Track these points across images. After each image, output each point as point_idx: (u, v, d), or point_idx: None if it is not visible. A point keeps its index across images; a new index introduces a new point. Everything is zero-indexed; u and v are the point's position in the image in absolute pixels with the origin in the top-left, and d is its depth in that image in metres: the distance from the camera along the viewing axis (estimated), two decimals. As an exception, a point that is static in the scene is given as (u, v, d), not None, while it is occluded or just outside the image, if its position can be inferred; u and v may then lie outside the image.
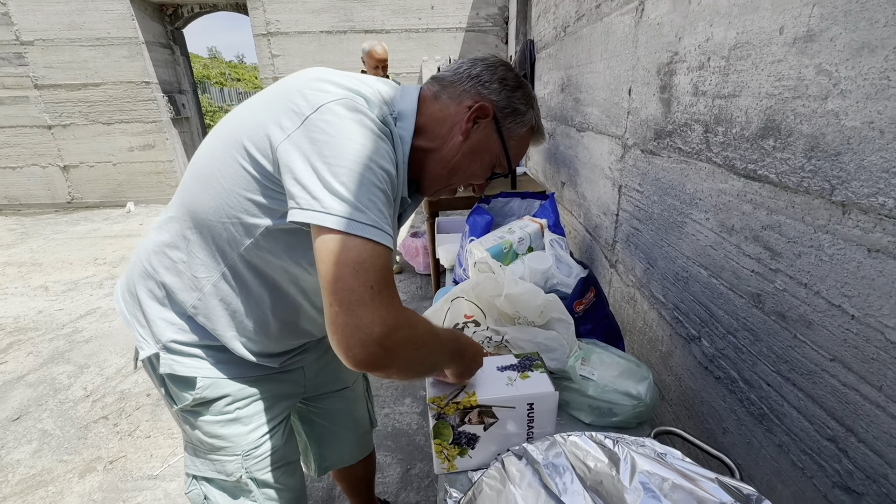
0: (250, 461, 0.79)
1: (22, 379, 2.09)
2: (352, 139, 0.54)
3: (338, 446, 1.05)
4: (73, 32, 4.84)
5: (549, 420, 0.76)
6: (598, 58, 1.75)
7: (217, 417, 0.75)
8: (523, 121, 0.74)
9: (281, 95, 0.61)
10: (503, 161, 0.75)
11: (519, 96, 0.72)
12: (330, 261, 0.50)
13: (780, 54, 0.75)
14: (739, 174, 0.88)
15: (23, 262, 3.67)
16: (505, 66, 0.73)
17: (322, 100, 0.57)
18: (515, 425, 0.75)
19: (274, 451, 0.81)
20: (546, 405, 0.74)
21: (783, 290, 0.77)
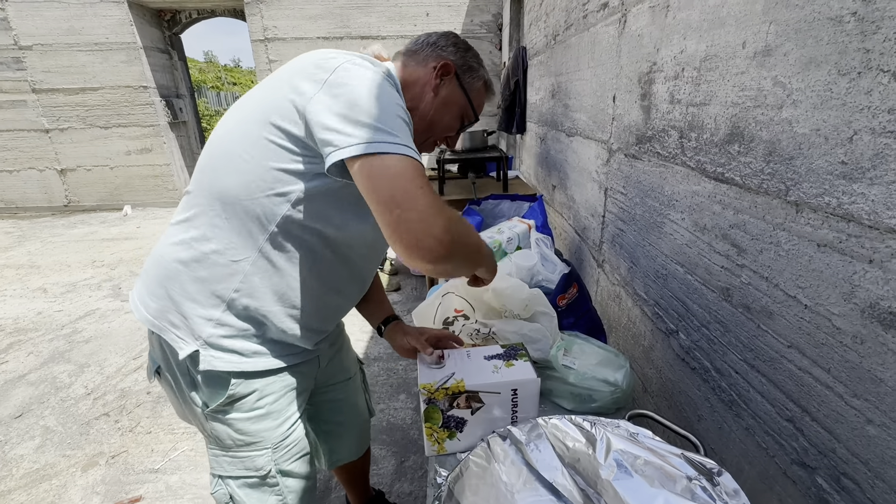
0: (279, 453, 0.82)
1: (23, 378, 2.13)
2: (370, 82, 0.62)
3: (345, 439, 1.10)
4: (71, 37, 4.89)
5: (532, 405, 0.81)
6: (586, 66, 1.82)
7: (248, 414, 0.78)
8: (478, 75, 0.86)
9: (294, 71, 0.67)
10: (469, 111, 0.87)
11: (471, 55, 0.85)
12: (382, 177, 0.56)
13: (743, 66, 0.82)
14: (710, 177, 0.94)
15: (21, 264, 3.70)
16: (454, 34, 0.87)
17: (335, 63, 0.64)
18: (501, 410, 0.80)
19: (297, 442, 0.86)
20: (529, 391, 0.80)
21: (748, 283, 0.84)
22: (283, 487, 0.85)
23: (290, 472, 0.85)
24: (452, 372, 0.81)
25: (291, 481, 0.86)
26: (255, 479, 0.82)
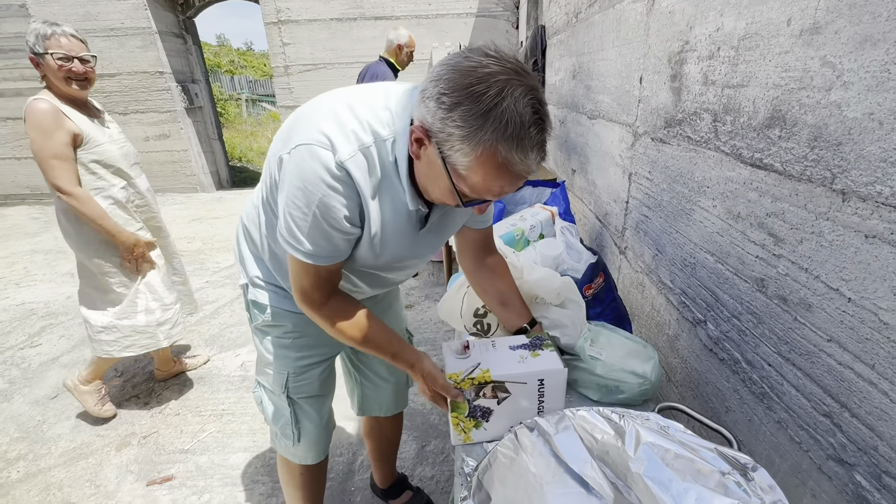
0: (294, 383, 0.97)
1: (56, 360, 2.21)
2: (303, 188, 0.65)
3: (377, 393, 1.18)
4: (87, 23, 4.91)
5: (559, 395, 0.81)
6: (610, 45, 1.76)
7: (276, 339, 0.94)
8: (464, 147, 0.58)
9: (292, 123, 0.71)
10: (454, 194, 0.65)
11: (457, 117, 0.56)
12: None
13: (787, 45, 0.78)
14: (746, 163, 0.91)
15: (49, 249, 3.81)
16: (451, 75, 0.58)
17: (296, 140, 0.66)
18: (527, 400, 0.80)
19: (311, 382, 0.99)
20: (555, 381, 0.79)
21: (785, 274, 0.81)
22: (291, 415, 0.99)
23: (301, 405, 1.00)
24: (478, 362, 0.81)
25: (302, 414, 1.00)
26: (276, 395, 0.99)
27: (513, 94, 0.54)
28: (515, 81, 0.55)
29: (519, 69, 0.56)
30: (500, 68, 0.55)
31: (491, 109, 0.54)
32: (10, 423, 1.79)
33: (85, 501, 1.45)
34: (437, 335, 2.28)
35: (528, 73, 0.57)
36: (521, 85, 0.55)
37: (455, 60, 0.59)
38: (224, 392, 1.94)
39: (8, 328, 2.53)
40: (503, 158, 0.57)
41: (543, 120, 0.57)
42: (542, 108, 0.57)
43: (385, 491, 1.37)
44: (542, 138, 0.58)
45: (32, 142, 1.44)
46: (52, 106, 1.44)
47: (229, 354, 2.20)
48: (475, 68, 0.56)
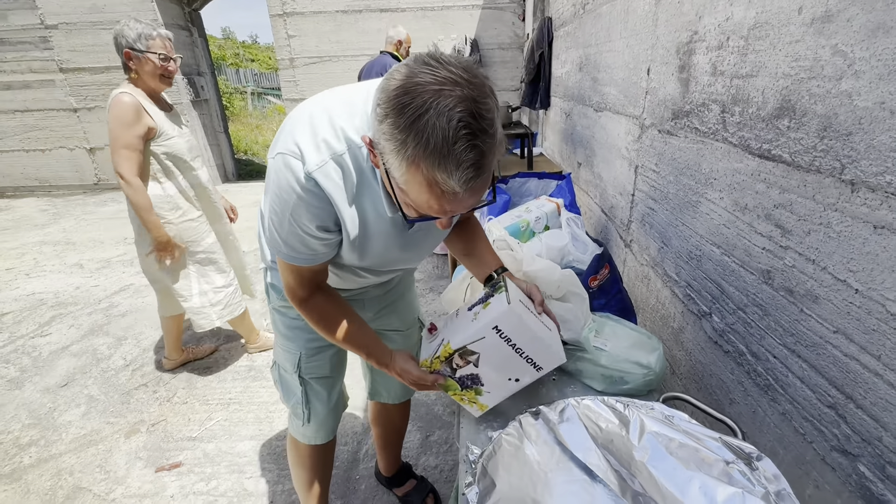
0: (306, 363, 1.00)
1: (66, 349, 2.24)
2: (279, 196, 0.68)
3: (385, 379, 1.21)
4: (94, 16, 4.91)
5: (539, 346, 0.76)
6: (618, 36, 1.74)
7: (290, 321, 0.97)
8: (394, 162, 0.54)
9: (280, 128, 0.72)
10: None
11: (386, 128, 0.53)
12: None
13: (798, 34, 0.77)
14: (754, 154, 0.90)
15: (57, 241, 3.85)
16: (386, 84, 0.54)
17: (276, 148, 0.68)
18: (500, 353, 0.77)
19: (322, 363, 1.01)
20: (513, 325, 0.74)
21: (792, 266, 0.81)
22: (302, 394, 1.03)
23: (312, 385, 1.02)
24: (442, 338, 0.81)
25: (313, 394, 1.03)
26: (289, 374, 1.02)
27: (437, 107, 0.49)
28: (447, 92, 0.49)
29: (458, 78, 0.50)
30: (432, 78, 0.50)
31: (413, 123, 0.49)
32: (22, 410, 1.82)
33: (95, 487, 1.47)
34: (441, 327, 2.29)
35: (471, 82, 0.51)
36: (453, 96, 0.49)
37: (395, 68, 0.56)
38: (231, 382, 1.96)
39: (19, 317, 2.57)
40: (427, 176, 0.52)
41: (476, 135, 0.50)
42: (476, 121, 0.50)
43: (389, 479, 1.39)
44: (470, 157, 0.50)
45: (111, 130, 1.55)
46: (135, 100, 1.56)
47: (236, 345, 2.23)
48: (407, 77, 0.51)
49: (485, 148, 0.51)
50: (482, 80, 0.53)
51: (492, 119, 0.52)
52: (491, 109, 0.53)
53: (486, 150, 0.52)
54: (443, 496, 1.39)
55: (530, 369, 0.80)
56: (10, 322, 2.52)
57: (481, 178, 0.54)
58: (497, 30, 4.90)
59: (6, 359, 2.17)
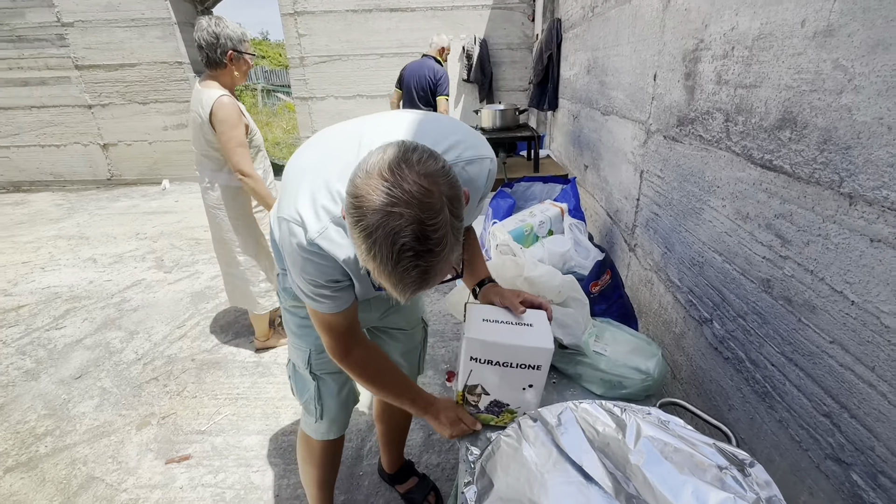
0: (314, 359, 1.02)
1: (80, 342, 2.30)
2: (291, 255, 0.73)
3: None
4: (109, 13, 4.99)
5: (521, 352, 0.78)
6: (626, 41, 1.75)
7: (300, 319, 1.00)
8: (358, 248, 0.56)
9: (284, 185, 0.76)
10: None
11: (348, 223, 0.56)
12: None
13: (801, 47, 0.78)
14: (756, 164, 0.91)
15: (71, 235, 3.93)
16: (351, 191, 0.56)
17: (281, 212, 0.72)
18: (494, 374, 0.81)
19: (329, 359, 1.01)
20: (481, 349, 0.78)
21: (791, 276, 0.82)
22: (315, 390, 1.05)
23: (325, 381, 1.05)
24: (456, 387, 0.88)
25: (325, 390, 1.06)
26: (301, 370, 1.05)
27: (385, 228, 0.51)
28: (396, 214, 0.51)
29: (410, 198, 0.52)
30: (384, 198, 0.51)
31: (365, 238, 0.53)
32: (38, 401, 1.88)
33: (108, 477, 1.52)
34: (445, 327, 2.31)
35: (423, 201, 0.52)
36: (402, 219, 0.51)
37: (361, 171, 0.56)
38: (239, 377, 2.00)
39: (34, 310, 2.64)
40: (380, 281, 0.57)
41: (419, 256, 0.52)
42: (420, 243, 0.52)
43: (392, 476, 1.42)
44: (411, 276, 0.54)
45: (221, 133, 1.65)
46: (234, 101, 1.68)
47: (244, 341, 2.27)
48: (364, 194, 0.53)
49: (428, 266, 0.54)
50: (438, 196, 0.53)
51: (439, 238, 0.53)
52: (440, 227, 0.53)
53: (429, 268, 0.54)
54: (444, 494, 1.41)
55: (531, 372, 0.82)
56: (26, 315, 2.59)
57: (425, 287, 0.57)
58: (506, 30, 4.90)
59: (23, 350, 2.24)
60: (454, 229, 0.56)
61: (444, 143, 0.75)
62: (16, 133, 5.56)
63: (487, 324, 0.81)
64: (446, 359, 2.02)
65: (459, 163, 0.75)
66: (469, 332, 0.78)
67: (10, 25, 5.06)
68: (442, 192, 0.54)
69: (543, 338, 0.80)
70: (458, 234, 0.57)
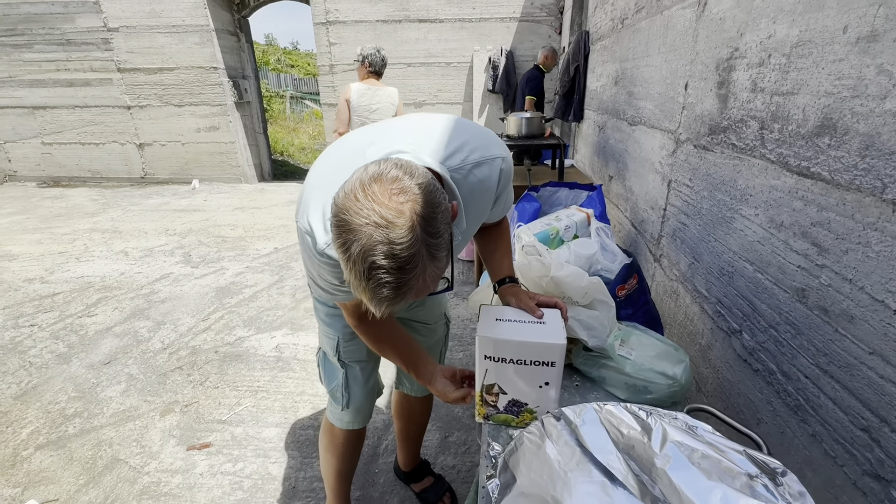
0: (345, 346, 1.05)
1: (110, 330, 2.38)
2: (305, 258, 0.79)
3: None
4: (152, 20, 5.24)
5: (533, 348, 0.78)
6: (656, 51, 1.75)
7: (328, 308, 1.03)
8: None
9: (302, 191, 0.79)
10: None
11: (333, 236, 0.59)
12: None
13: (842, 53, 0.77)
14: (793, 171, 0.90)
15: (105, 229, 4.09)
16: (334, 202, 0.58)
17: (297, 218, 0.76)
18: (509, 372, 0.81)
19: (359, 346, 1.06)
20: (494, 348, 0.78)
21: (828, 285, 0.80)
22: (343, 377, 1.08)
23: (353, 369, 1.08)
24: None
25: (353, 376, 1.09)
26: (330, 357, 1.08)
27: (358, 243, 0.53)
28: (367, 232, 0.53)
29: (380, 219, 0.53)
30: (356, 218, 0.53)
31: (343, 251, 0.55)
32: (69, 384, 1.95)
33: (132, 459, 1.56)
34: (464, 331, 2.31)
35: (393, 222, 0.53)
36: (371, 239, 0.53)
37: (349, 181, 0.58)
38: (259, 371, 2.03)
39: (69, 298, 2.74)
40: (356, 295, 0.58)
41: (389, 273, 0.53)
42: (389, 261, 0.53)
43: (408, 474, 1.42)
44: (382, 292, 0.55)
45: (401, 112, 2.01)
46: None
47: (265, 336, 2.31)
48: (343, 209, 0.55)
49: (399, 283, 0.55)
50: (409, 216, 0.54)
51: (409, 257, 0.54)
52: (410, 247, 0.54)
53: (401, 285, 0.55)
54: (459, 497, 1.40)
55: (545, 369, 0.82)
56: (60, 302, 2.70)
57: (402, 302, 0.57)
58: (533, 42, 4.94)
59: (56, 335, 2.33)
60: (429, 247, 0.56)
61: (449, 147, 0.76)
62: (59, 131, 5.84)
63: (499, 322, 0.82)
64: (464, 362, 2.02)
65: (466, 166, 0.76)
66: (481, 331, 0.79)
67: (61, 30, 5.36)
68: (414, 212, 0.54)
69: (555, 333, 0.79)
70: (435, 250, 0.57)
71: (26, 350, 2.19)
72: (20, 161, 6.06)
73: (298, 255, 3.39)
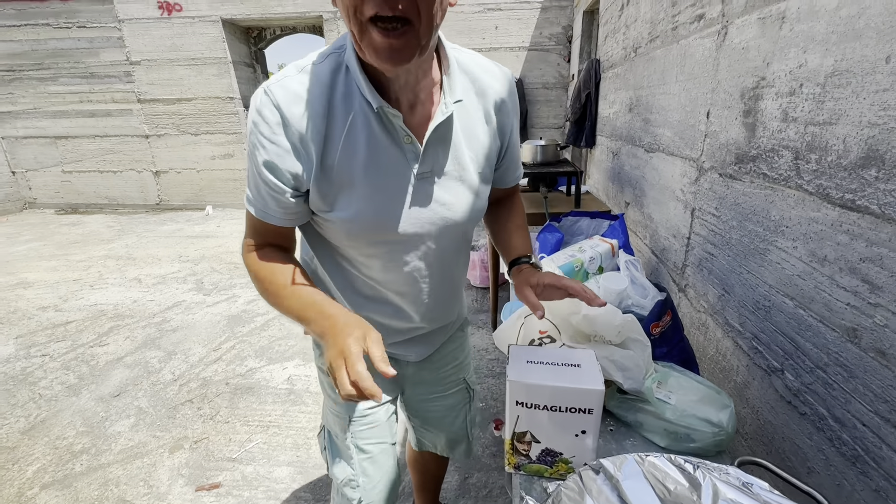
0: (356, 426, 0.89)
1: (121, 360, 2.36)
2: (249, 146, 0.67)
3: (427, 437, 1.14)
4: (173, 53, 5.43)
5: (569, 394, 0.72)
6: (673, 80, 1.74)
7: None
8: None
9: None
10: None
11: None
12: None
13: (886, 83, 0.74)
14: (834, 203, 0.85)
15: (120, 255, 4.12)
16: None
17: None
18: (542, 418, 0.75)
19: (375, 425, 0.90)
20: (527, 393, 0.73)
21: (884, 325, 0.74)
22: (358, 462, 0.89)
23: (367, 451, 0.90)
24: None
25: (368, 465, 0.90)
26: (340, 441, 0.91)
27: None
28: None
29: None
30: None
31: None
32: (77, 417, 1.91)
33: (138, 501, 1.50)
34: (480, 363, 2.24)
35: None
36: None
37: None
38: (271, 404, 1.98)
39: (81, 326, 2.74)
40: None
41: None
42: None
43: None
44: None
45: None
46: None
47: (277, 367, 2.27)
48: None
49: None
50: None
51: None
52: None
53: None
54: (480, 545, 1.32)
55: (582, 416, 0.77)
56: (73, 330, 2.69)
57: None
58: (542, 70, 5.02)
59: (67, 366, 2.31)
60: None
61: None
62: (79, 159, 6.00)
63: (531, 365, 0.77)
64: (482, 396, 1.95)
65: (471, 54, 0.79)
66: (512, 375, 0.74)
67: (86, 63, 5.57)
68: None
69: (592, 378, 0.74)
70: None
71: (37, 381, 2.17)
72: (40, 189, 6.21)
73: (310, 282, 3.38)
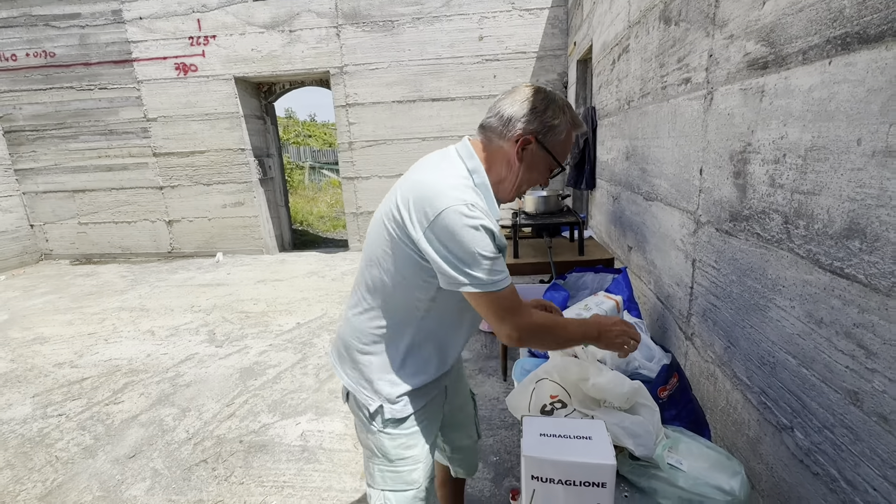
0: (428, 468, 1.03)
1: (136, 419, 2.37)
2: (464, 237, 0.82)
3: (463, 457, 1.28)
4: (188, 110, 5.72)
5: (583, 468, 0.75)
6: (666, 134, 1.82)
7: (407, 431, 0.99)
8: (559, 129, 0.93)
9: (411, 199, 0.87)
10: (555, 165, 0.97)
11: (549, 115, 0.91)
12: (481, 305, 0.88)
13: (860, 163, 0.80)
14: (825, 269, 0.90)
15: (133, 307, 4.20)
16: (530, 94, 0.92)
17: (442, 205, 0.82)
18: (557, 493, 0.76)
19: (432, 461, 1.05)
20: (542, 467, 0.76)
21: (882, 391, 0.77)
22: (428, 497, 1.04)
23: (431, 487, 1.05)
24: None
25: (431, 496, 1.06)
26: (411, 490, 1.01)
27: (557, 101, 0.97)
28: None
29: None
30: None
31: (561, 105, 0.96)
32: (94, 481, 1.91)
33: (154, 570, 1.49)
34: (492, 413, 2.24)
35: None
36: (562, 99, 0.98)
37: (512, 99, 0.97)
38: (285, 463, 1.98)
39: (96, 383, 2.77)
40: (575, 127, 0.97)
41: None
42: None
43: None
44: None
45: None
46: None
47: (290, 422, 2.27)
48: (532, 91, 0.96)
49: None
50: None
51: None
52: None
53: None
54: None
55: (596, 490, 0.79)
56: (88, 388, 2.72)
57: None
58: (540, 113, 5.21)
59: (83, 426, 2.33)
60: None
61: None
62: (95, 211, 6.21)
63: (545, 438, 0.80)
64: (495, 449, 1.94)
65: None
66: (526, 450, 0.77)
67: (105, 121, 5.87)
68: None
69: (603, 452, 0.77)
70: None
71: (53, 443, 2.19)
72: (56, 240, 6.39)
73: (320, 331, 3.41)
